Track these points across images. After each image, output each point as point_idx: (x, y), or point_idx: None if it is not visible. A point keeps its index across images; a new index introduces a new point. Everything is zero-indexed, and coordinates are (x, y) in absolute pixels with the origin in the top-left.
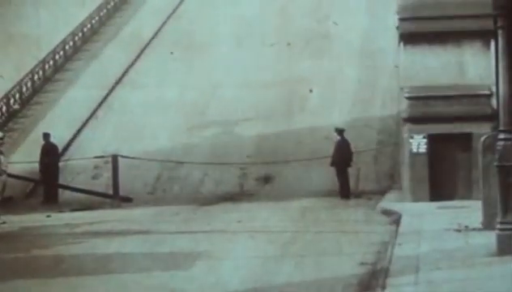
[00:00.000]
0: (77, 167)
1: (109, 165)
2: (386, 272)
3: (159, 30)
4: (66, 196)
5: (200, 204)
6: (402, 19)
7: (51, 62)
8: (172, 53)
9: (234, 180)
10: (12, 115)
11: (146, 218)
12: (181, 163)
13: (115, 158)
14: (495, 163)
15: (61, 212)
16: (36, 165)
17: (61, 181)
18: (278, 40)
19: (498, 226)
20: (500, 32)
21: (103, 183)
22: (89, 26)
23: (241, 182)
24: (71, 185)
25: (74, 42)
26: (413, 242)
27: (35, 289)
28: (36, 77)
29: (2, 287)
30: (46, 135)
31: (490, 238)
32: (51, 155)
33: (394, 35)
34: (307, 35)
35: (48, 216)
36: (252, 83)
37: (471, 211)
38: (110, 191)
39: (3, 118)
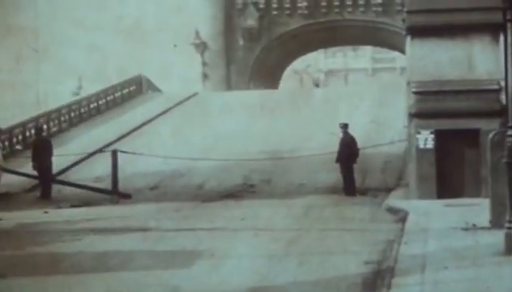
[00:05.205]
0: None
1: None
2: (391, 272)
3: None
4: (64, 192)
5: (202, 201)
6: (409, 12)
7: (56, 121)
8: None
9: (237, 177)
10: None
11: (146, 215)
12: (184, 159)
13: (114, 154)
14: (504, 160)
15: (59, 208)
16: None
17: None
18: None
19: (507, 225)
20: (509, 25)
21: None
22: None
23: (244, 179)
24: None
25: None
26: (420, 241)
27: (32, 287)
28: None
29: None
30: (38, 130)
31: (498, 237)
32: (44, 150)
33: None
34: None
35: (45, 213)
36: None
37: (479, 209)
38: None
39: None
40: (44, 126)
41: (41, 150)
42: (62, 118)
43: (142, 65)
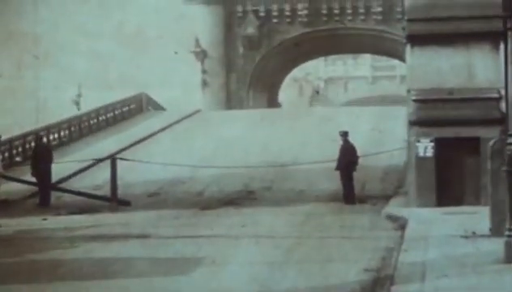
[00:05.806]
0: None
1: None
2: (390, 280)
3: None
4: (63, 199)
5: (201, 208)
6: (410, 20)
7: (56, 135)
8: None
9: (238, 184)
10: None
11: (146, 222)
12: (184, 166)
13: (113, 161)
14: (504, 168)
15: (58, 215)
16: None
17: None
18: None
19: (507, 233)
20: (509, 33)
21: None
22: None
23: (244, 186)
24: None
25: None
26: (419, 249)
27: None
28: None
29: None
30: (39, 138)
31: (498, 245)
32: (44, 158)
33: None
34: None
35: (44, 220)
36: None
37: (479, 217)
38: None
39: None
40: (44, 139)
41: (41, 157)
42: (62, 133)
43: (143, 72)
